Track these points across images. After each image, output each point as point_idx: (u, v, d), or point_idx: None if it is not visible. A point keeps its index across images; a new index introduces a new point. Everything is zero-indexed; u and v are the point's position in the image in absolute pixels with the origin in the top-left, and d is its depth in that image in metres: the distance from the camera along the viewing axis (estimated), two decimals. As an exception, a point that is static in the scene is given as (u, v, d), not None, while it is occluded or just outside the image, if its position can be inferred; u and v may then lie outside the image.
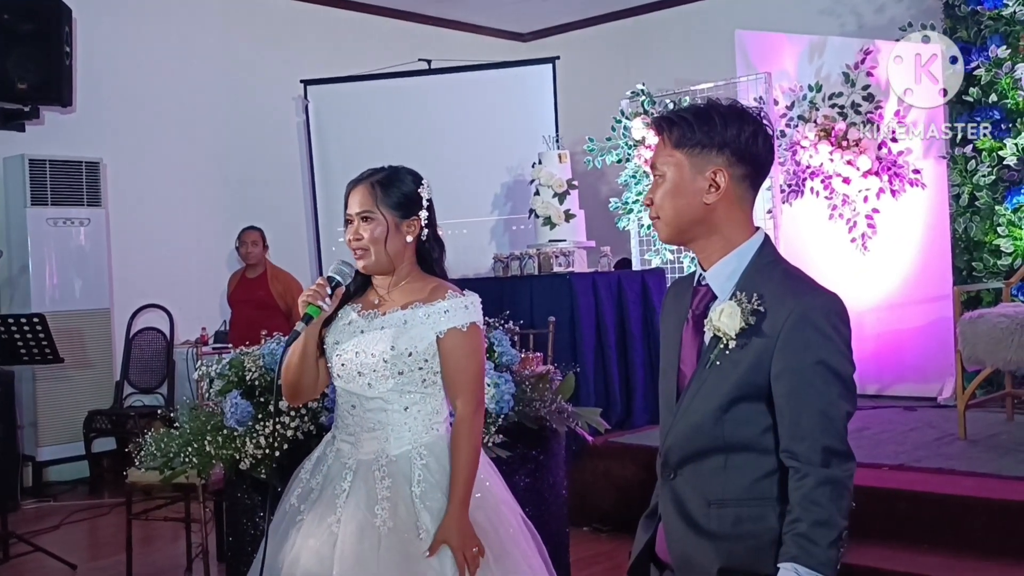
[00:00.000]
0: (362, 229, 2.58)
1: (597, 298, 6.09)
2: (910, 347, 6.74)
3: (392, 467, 2.56)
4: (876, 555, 4.01)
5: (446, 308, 2.57)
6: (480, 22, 9.65)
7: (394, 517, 2.50)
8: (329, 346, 2.64)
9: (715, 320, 1.86)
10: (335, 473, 2.62)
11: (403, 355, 2.55)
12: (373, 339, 2.57)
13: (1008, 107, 6.27)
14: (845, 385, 1.82)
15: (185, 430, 3.62)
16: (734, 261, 1.92)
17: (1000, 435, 5.29)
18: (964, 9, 6.45)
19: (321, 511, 2.58)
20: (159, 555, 5.38)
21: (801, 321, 1.80)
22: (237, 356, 3.68)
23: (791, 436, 1.80)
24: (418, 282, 2.64)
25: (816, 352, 1.79)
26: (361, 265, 2.61)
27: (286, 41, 8.41)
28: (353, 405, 2.62)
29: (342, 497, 2.56)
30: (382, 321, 2.60)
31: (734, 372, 1.84)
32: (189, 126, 7.85)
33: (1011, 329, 4.86)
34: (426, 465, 2.56)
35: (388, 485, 2.53)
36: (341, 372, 2.62)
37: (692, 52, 8.49)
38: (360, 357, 2.57)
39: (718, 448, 1.88)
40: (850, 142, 6.64)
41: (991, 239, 6.34)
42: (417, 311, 2.58)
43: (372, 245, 2.58)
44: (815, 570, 1.74)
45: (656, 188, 1.95)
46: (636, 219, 7.46)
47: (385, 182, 2.61)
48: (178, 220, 7.73)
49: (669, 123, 1.94)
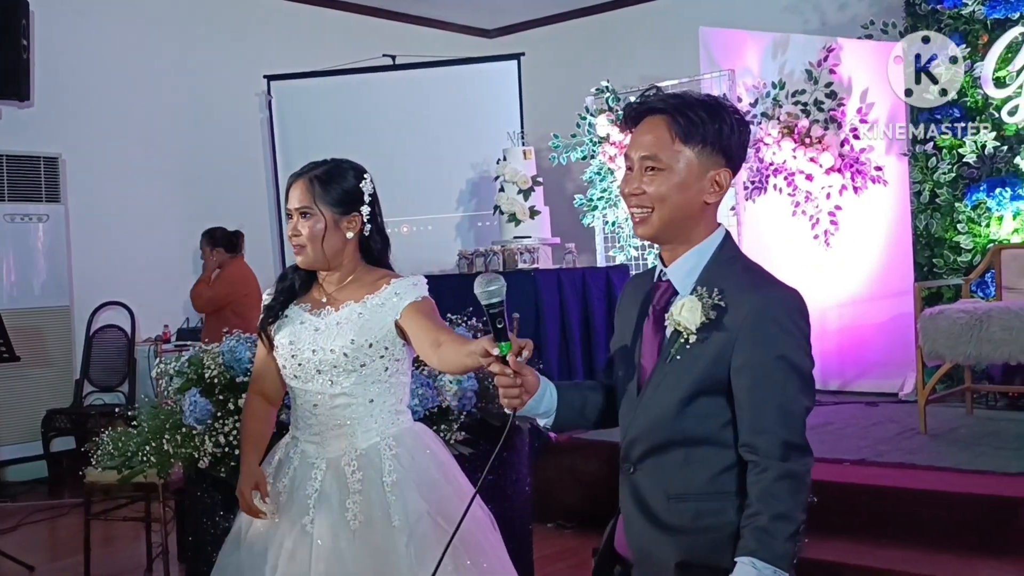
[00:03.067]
0: (300, 225, 2.57)
1: (562, 294, 6.09)
2: (872, 343, 6.81)
3: (362, 460, 2.56)
4: (837, 549, 4.04)
5: (396, 291, 2.58)
6: (445, 18, 9.61)
7: (366, 511, 2.51)
8: (283, 347, 2.63)
9: (676, 315, 1.85)
10: (302, 475, 2.61)
11: (363, 347, 2.55)
12: (330, 336, 2.56)
13: (968, 105, 6.34)
14: (804, 380, 1.82)
15: (143, 429, 3.57)
16: (695, 257, 1.92)
17: (960, 429, 5.35)
18: (924, 8, 6.50)
19: (293, 514, 2.57)
20: (119, 555, 5.32)
21: (761, 316, 1.81)
22: (196, 353, 3.63)
23: (750, 430, 1.80)
24: (365, 275, 2.64)
25: (776, 347, 1.80)
26: (300, 260, 2.61)
27: (249, 36, 8.33)
28: (315, 404, 2.60)
29: (313, 497, 2.56)
30: (336, 317, 2.59)
31: (694, 366, 1.84)
32: (150, 121, 7.75)
33: (970, 324, 4.90)
34: (396, 456, 2.56)
35: (359, 478, 2.54)
36: (298, 372, 2.61)
37: (657, 49, 8.50)
38: (319, 355, 2.56)
39: (678, 442, 1.88)
40: (813, 139, 6.69)
41: (951, 236, 6.40)
42: (370, 302, 2.58)
43: (309, 242, 2.57)
44: (772, 564, 1.74)
45: (656, 180, 1.88)
46: (601, 216, 7.47)
47: (325, 178, 2.59)
48: (139, 216, 7.64)
49: (681, 115, 1.88)
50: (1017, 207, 6.15)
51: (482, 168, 7.88)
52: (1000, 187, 6.17)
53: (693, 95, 1.92)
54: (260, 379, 2.76)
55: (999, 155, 6.23)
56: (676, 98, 1.90)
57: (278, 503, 2.63)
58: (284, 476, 2.65)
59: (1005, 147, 6.22)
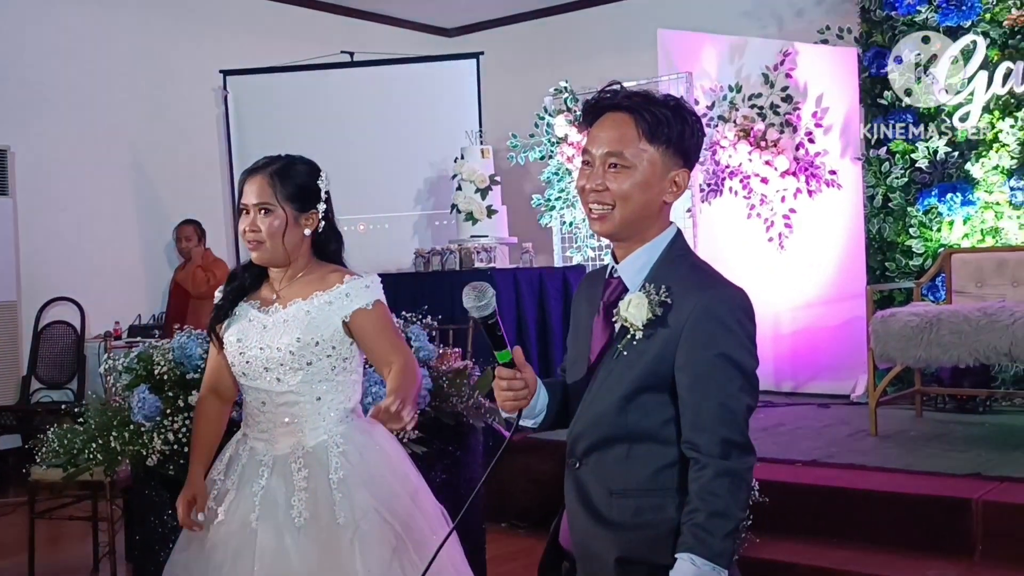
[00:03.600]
0: (259, 221, 2.55)
1: (518, 294, 6.08)
2: (825, 345, 6.87)
3: (309, 458, 2.56)
4: (788, 550, 4.07)
5: (347, 292, 2.58)
6: (404, 16, 9.57)
7: (311, 507, 2.51)
8: (231, 344, 2.62)
9: (623, 311, 1.86)
10: (251, 472, 2.61)
11: (310, 345, 2.55)
12: (277, 333, 2.56)
13: (920, 111, 6.42)
14: (747, 379, 1.83)
15: (90, 426, 3.50)
16: (645, 254, 1.93)
17: (909, 431, 5.42)
18: (879, 14, 6.58)
19: (241, 512, 2.57)
20: (65, 555, 5.23)
21: (706, 314, 1.81)
22: (145, 349, 3.58)
23: (692, 427, 1.81)
24: (315, 272, 2.64)
25: (719, 345, 1.81)
26: (255, 256, 2.59)
27: (205, 30, 8.23)
28: (263, 402, 2.61)
29: (259, 495, 2.56)
30: (284, 314, 2.59)
31: (640, 362, 1.85)
32: (103, 114, 7.63)
33: (921, 328, 4.96)
34: (343, 453, 2.56)
35: (305, 476, 2.54)
36: (247, 370, 2.60)
37: (615, 50, 8.52)
38: (266, 352, 2.56)
39: (621, 437, 1.88)
40: (768, 143, 6.74)
41: (903, 240, 6.48)
42: (317, 299, 2.57)
43: (269, 238, 2.55)
44: (711, 560, 1.75)
45: (620, 177, 1.88)
46: (558, 216, 7.48)
47: (283, 174, 2.58)
48: (91, 211, 7.51)
49: (648, 113, 1.88)
50: (967, 212, 6.24)
51: (440, 167, 7.85)
52: (951, 192, 6.26)
53: (656, 94, 1.92)
54: (214, 377, 2.75)
55: (950, 161, 6.32)
56: (641, 96, 1.89)
57: (226, 501, 2.61)
58: (233, 473, 2.64)
59: (956, 153, 6.31)
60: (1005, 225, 6.16)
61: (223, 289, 2.71)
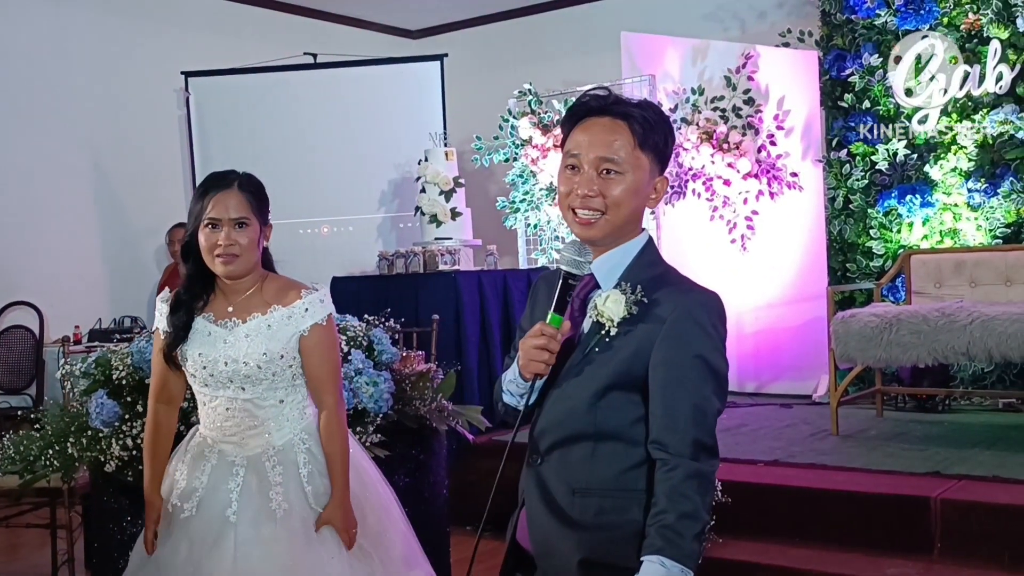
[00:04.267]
0: (237, 235, 2.60)
1: (482, 296, 6.07)
2: (787, 346, 6.92)
3: (281, 455, 2.69)
4: (750, 549, 4.10)
5: (305, 307, 2.67)
6: (368, 17, 9.53)
7: (288, 499, 2.65)
8: (193, 359, 2.66)
9: (600, 305, 1.86)
10: (223, 472, 2.69)
11: (275, 359, 2.64)
12: (241, 348, 2.63)
13: (880, 113, 6.50)
14: (719, 382, 1.84)
15: (47, 432, 3.46)
16: (618, 256, 1.93)
17: (870, 431, 5.47)
18: (840, 18, 6.65)
19: (216, 507, 2.65)
20: (22, 563, 5.16)
21: (684, 316, 1.83)
22: (104, 354, 3.54)
23: (663, 427, 1.81)
24: (268, 284, 2.71)
25: (696, 347, 1.82)
26: (228, 270, 2.62)
27: (166, 30, 8.15)
28: (228, 408, 2.69)
29: (236, 492, 2.65)
30: (245, 329, 2.65)
31: (612, 360, 1.85)
32: (62, 116, 7.53)
33: (881, 328, 5.01)
34: (308, 449, 2.71)
35: (280, 471, 2.67)
36: (209, 381, 2.67)
37: (579, 53, 8.55)
38: (231, 366, 2.63)
39: (587, 435, 1.88)
40: (731, 145, 6.78)
41: (864, 241, 6.55)
42: (277, 313, 2.66)
43: (246, 252, 2.61)
44: (680, 562, 1.74)
45: (615, 184, 1.88)
46: (523, 218, 7.48)
47: (254, 189, 2.66)
48: (50, 214, 7.40)
49: (642, 119, 1.88)
50: (926, 214, 6.32)
51: (404, 169, 7.83)
52: (911, 194, 6.33)
53: (638, 100, 1.94)
54: (167, 388, 2.80)
55: (910, 163, 6.39)
56: (631, 102, 1.91)
57: (194, 499, 2.68)
58: (202, 473, 2.71)
59: (915, 155, 6.39)
60: (963, 227, 6.24)
61: (169, 318, 2.71)
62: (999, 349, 4.75)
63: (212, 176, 2.67)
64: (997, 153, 6.12)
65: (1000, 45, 6.03)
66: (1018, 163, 6.05)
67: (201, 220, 2.61)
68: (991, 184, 6.11)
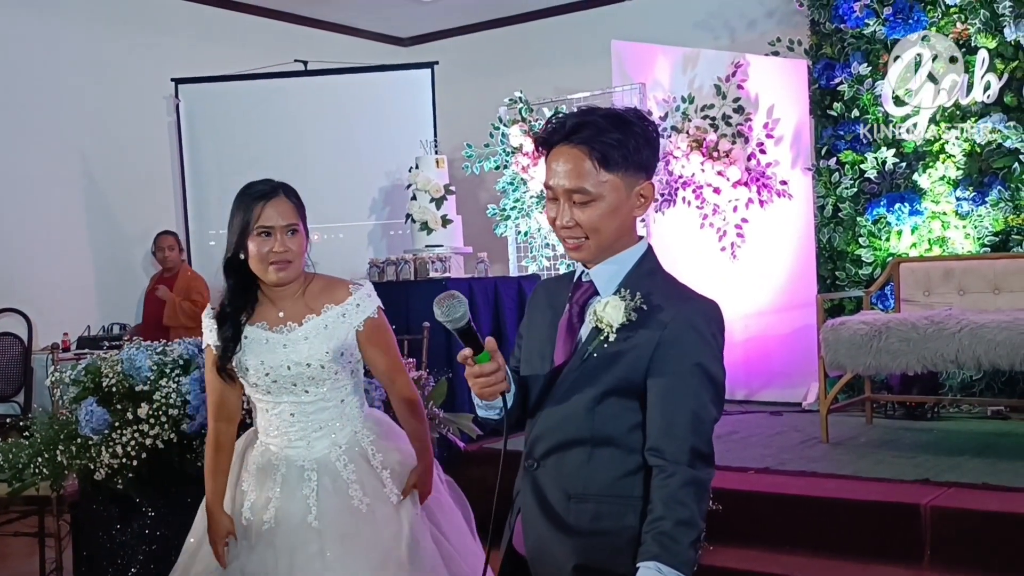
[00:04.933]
0: (290, 242, 2.64)
1: (473, 304, 6.07)
2: (777, 353, 6.94)
3: (350, 453, 2.75)
4: (739, 556, 4.10)
5: (357, 302, 2.73)
6: (359, 25, 9.54)
7: (368, 494, 2.71)
8: (253, 368, 2.69)
9: (599, 311, 1.87)
10: (295, 479, 2.73)
11: (336, 356, 2.70)
12: (303, 350, 2.68)
13: (869, 122, 6.53)
14: (717, 391, 1.85)
15: (36, 440, 3.45)
16: (616, 265, 1.95)
17: (860, 438, 5.48)
18: (829, 27, 6.69)
19: (295, 517, 2.68)
20: (10, 572, 5.12)
21: (684, 324, 1.84)
22: (93, 361, 3.53)
23: (661, 434, 1.81)
24: (312, 285, 2.76)
25: (696, 355, 1.83)
26: (282, 276, 2.65)
27: (156, 37, 8.13)
28: (292, 413, 2.74)
29: (312, 497, 2.69)
30: (303, 331, 2.70)
31: (611, 365, 1.86)
32: (53, 122, 7.51)
33: (870, 335, 5.03)
34: (373, 440, 2.79)
35: (353, 468, 2.73)
36: (272, 388, 2.71)
37: (570, 61, 8.57)
38: (295, 369, 2.68)
39: (584, 440, 1.89)
40: (721, 153, 6.80)
41: (853, 249, 6.57)
42: (332, 312, 2.71)
43: (298, 258, 2.67)
44: (677, 569, 1.75)
45: (587, 211, 1.88)
46: (514, 226, 7.49)
47: (297, 197, 2.72)
48: (39, 220, 7.38)
49: (598, 143, 1.86)
50: (915, 222, 6.35)
51: (395, 176, 7.83)
52: (899, 202, 6.36)
53: (599, 116, 1.89)
54: (222, 406, 2.82)
55: (899, 171, 6.43)
56: (588, 126, 1.87)
57: (271, 508, 2.71)
58: (274, 484, 2.74)
59: (904, 164, 6.42)
60: (951, 235, 6.27)
61: (217, 332, 2.73)
62: (988, 357, 4.77)
63: (252, 187, 2.67)
64: (985, 162, 6.16)
65: (988, 54, 6.07)
66: (1006, 172, 6.08)
67: (251, 230, 2.62)
68: (979, 192, 6.15)
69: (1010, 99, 6.05)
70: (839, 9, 6.60)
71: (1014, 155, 6.05)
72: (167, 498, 3.47)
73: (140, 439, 3.34)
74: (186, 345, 3.60)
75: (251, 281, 2.70)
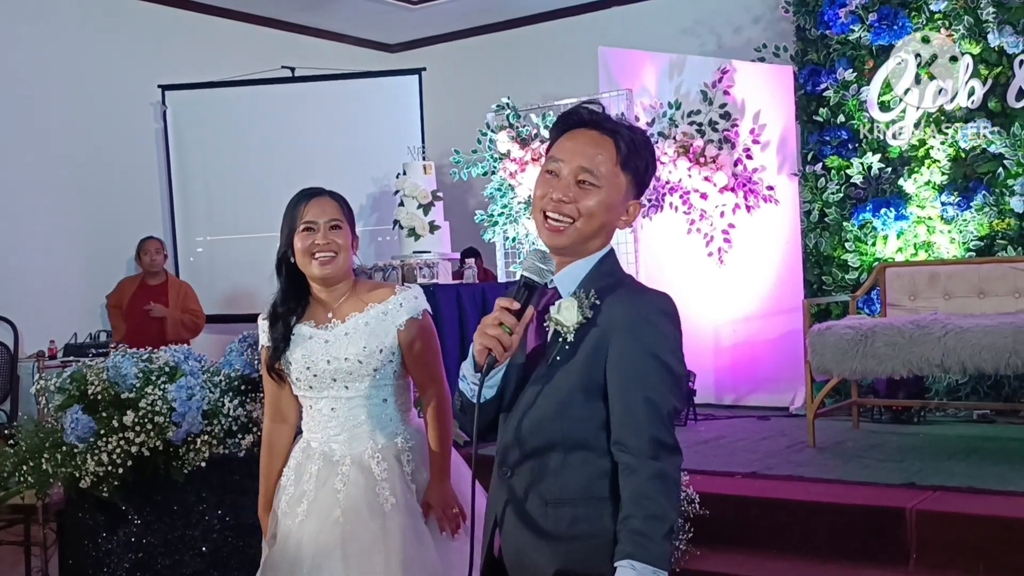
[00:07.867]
0: (332, 235, 2.73)
1: (461, 309, 6.07)
2: (764, 358, 6.95)
3: (385, 452, 2.78)
4: (728, 561, 4.10)
5: (400, 301, 2.79)
6: (347, 31, 9.54)
7: (395, 494, 2.74)
8: (296, 362, 2.77)
9: (555, 314, 1.89)
10: (327, 472, 2.78)
11: (375, 353, 2.74)
12: (342, 345, 2.74)
13: (854, 127, 6.56)
14: (675, 380, 1.87)
15: (21, 448, 3.44)
16: (580, 267, 1.97)
17: (846, 442, 5.50)
18: (814, 33, 6.73)
19: (324, 512, 2.73)
20: (-4, 581, 5.09)
21: (636, 316, 1.86)
22: (79, 369, 3.52)
23: (622, 426, 1.83)
24: (362, 287, 2.84)
25: (649, 345, 1.84)
26: (327, 270, 2.74)
27: (143, 44, 8.12)
28: (333, 408, 2.80)
29: (343, 491, 2.74)
30: (344, 328, 2.76)
31: (574, 367, 1.87)
32: (39, 129, 7.48)
33: (856, 340, 5.05)
34: (411, 448, 2.81)
35: (385, 468, 2.76)
36: (314, 383, 2.77)
37: (557, 67, 8.59)
38: (333, 364, 2.73)
39: (556, 445, 1.89)
40: (707, 159, 6.82)
41: (839, 254, 6.60)
42: (374, 310, 2.77)
43: (342, 251, 2.75)
44: (651, 564, 1.75)
45: (590, 195, 1.91)
46: (501, 231, 7.49)
47: (343, 200, 2.82)
48: (25, 226, 7.35)
49: (628, 139, 1.92)
50: (900, 227, 6.38)
51: (382, 182, 7.83)
52: (885, 207, 6.39)
53: (626, 127, 1.96)
54: (278, 407, 2.91)
55: (884, 177, 6.46)
56: (626, 126, 1.95)
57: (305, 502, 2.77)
58: (310, 478, 2.79)
59: (890, 169, 6.46)
60: (937, 239, 6.30)
61: (269, 332, 2.82)
62: (973, 361, 4.80)
63: (300, 191, 2.81)
64: (970, 167, 6.20)
65: (972, 60, 6.11)
66: (990, 177, 6.12)
67: (297, 226, 2.73)
68: (964, 197, 6.18)
69: (994, 104, 6.09)
70: (824, 15, 6.64)
71: (998, 160, 6.09)
72: (153, 506, 3.46)
73: (126, 447, 3.33)
74: (172, 352, 3.59)
75: (302, 283, 2.79)
